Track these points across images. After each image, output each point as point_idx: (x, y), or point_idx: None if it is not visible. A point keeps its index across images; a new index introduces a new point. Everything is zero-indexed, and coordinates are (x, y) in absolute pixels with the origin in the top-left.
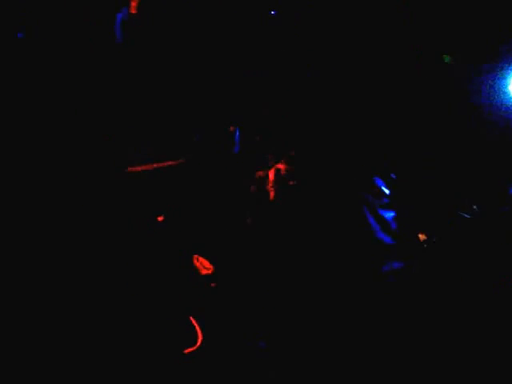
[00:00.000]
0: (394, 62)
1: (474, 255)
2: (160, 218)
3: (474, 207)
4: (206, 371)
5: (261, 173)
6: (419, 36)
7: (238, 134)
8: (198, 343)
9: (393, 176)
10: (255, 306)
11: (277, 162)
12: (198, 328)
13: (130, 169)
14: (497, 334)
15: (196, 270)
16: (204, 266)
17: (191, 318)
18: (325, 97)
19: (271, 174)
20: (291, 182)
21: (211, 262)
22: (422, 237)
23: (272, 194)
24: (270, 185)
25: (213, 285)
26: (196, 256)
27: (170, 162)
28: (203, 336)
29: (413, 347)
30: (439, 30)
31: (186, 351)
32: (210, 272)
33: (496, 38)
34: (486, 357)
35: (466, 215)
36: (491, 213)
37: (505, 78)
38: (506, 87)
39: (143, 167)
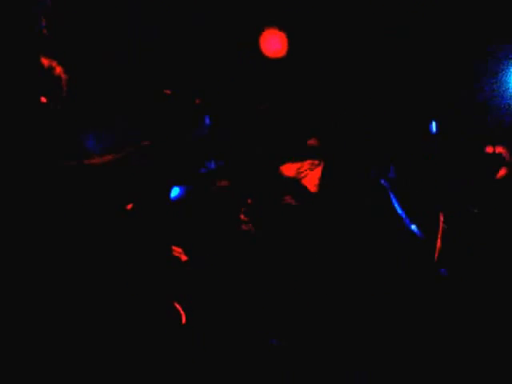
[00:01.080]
0: (394, 63)
1: (474, 253)
2: (129, 206)
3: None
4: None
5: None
6: (420, 34)
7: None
8: (183, 322)
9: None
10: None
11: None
12: (181, 311)
13: (87, 161)
14: (497, 334)
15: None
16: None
17: (175, 304)
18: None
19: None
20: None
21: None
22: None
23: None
24: (243, 217)
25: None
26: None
27: (131, 148)
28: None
29: (413, 347)
30: (440, 28)
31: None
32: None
33: (497, 36)
34: (485, 357)
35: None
36: (493, 210)
37: (507, 76)
38: (509, 85)
39: (103, 158)
